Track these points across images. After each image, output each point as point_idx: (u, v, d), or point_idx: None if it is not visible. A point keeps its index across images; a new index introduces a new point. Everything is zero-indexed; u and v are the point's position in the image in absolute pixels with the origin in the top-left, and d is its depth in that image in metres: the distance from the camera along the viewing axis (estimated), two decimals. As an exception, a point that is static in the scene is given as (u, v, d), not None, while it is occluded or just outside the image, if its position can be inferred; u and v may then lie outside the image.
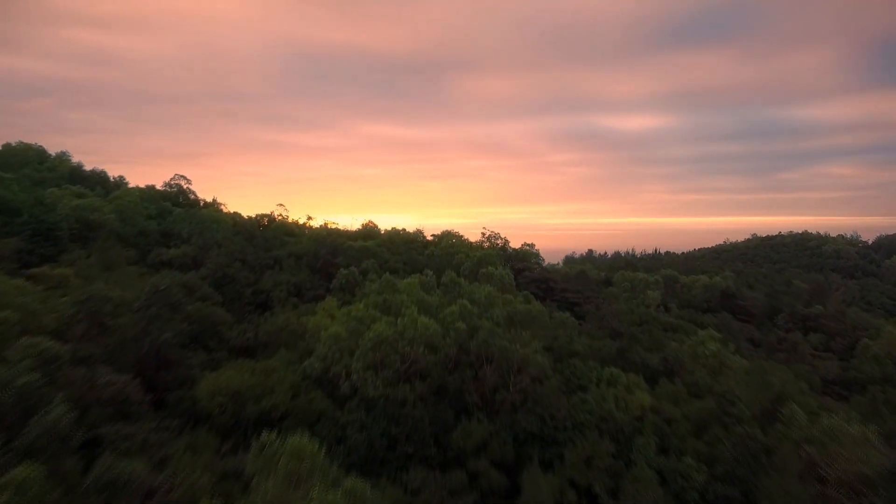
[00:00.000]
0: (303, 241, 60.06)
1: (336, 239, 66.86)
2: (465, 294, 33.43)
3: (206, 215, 62.92)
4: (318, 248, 54.57)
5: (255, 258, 48.03)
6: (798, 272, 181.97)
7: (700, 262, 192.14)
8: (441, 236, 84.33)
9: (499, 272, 56.92)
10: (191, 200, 79.82)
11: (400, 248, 68.42)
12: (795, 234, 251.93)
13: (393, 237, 73.42)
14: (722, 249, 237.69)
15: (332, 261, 51.74)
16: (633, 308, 63.09)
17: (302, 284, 47.80)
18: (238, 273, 43.89)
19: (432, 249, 66.69)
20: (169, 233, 50.23)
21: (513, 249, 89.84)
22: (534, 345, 28.98)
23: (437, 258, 64.36)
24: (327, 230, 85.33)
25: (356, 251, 58.45)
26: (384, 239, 69.91)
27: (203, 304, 37.88)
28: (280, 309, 42.85)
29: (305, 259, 53.71)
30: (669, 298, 76.57)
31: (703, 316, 68.61)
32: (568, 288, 78.82)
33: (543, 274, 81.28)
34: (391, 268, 58.35)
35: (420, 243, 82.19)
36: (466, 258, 62.35)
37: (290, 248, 56.12)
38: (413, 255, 63.67)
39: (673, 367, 35.49)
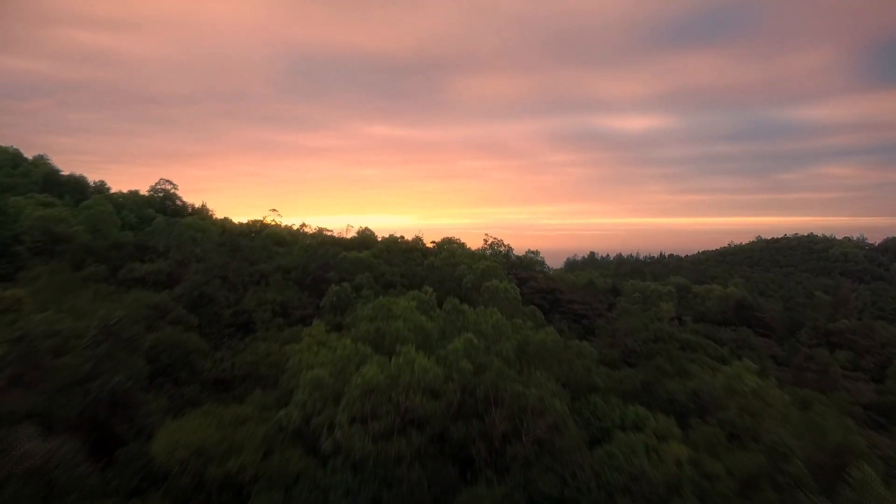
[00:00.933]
0: (293, 252, 55.82)
1: (329, 249, 62.64)
2: (469, 323, 29.22)
3: (190, 224, 58.70)
4: (308, 261, 50.36)
5: (238, 274, 43.78)
6: (806, 276, 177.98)
7: (705, 265, 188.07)
8: (441, 244, 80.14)
9: (503, 286, 52.69)
10: (177, 207, 75.61)
11: (397, 258, 64.20)
12: (801, 237, 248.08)
13: (390, 246, 69.28)
14: (727, 252, 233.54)
15: (324, 275, 47.51)
16: (646, 323, 58.88)
17: (289, 303, 43.57)
18: (217, 292, 39.67)
19: (432, 259, 62.50)
20: (145, 245, 46.07)
21: (516, 257, 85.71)
22: (550, 386, 24.75)
23: (438, 270, 60.15)
24: (322, 237, 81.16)
25: (350, 263, 54.24)
26: (381, 248, 65.74)
27: (174, 330, 33.64)
28: (263, 332, 38.61)
29: (294, 273, 49.48)
30: (683, 310, 72.40)
31: (720, 330, 64.37)
32: (575, 299, 74.68)
33: (549, 284, 77.16)
34: (387, 281, 54.17)
35: (419, 251, 78.02)
36: (469, 270, 58.11)
37: (279, 260, 51.92)
38: (411, 267, 59.47)
39: (705, 403, 31.35)
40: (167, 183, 74.09)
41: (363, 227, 72.61)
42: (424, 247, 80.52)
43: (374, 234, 74.89)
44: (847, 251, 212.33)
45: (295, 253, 54.97)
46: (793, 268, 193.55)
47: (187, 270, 41.51)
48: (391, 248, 67.53)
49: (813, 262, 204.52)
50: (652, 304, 70.80)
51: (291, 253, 56.49)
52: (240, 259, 50.52)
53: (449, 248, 66.98)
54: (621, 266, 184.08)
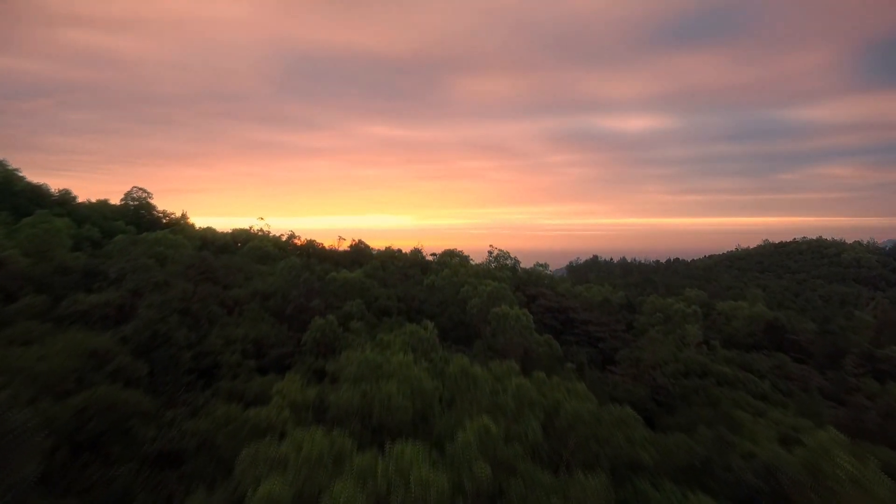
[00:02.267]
0: (276, 272, 49.05)
1: (317, 267, 55.87)
2: (482, 396, 22.45)
3: (159, 240, 51.92)
4: (290, 285, 43.59)
5: (205, 304, 36.98)
6: (820, 283, 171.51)
7: (714, 271, 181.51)
8: (442, 257, 73.42)
9: (514, 313, 46.01)
10: (153, 217, 68.83)
11: (394, 276, 57.44)
12: (811, 241, 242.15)
13: (386, 261, 62.55)
14: (735, 257, 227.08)
15: (307, 304, 40.76)
16: (674, 351, 52.27)
17: (264, 339, 36.80)
18: (176, 330, 32.88)
19: (433, 279, 55.76)
20: (96, 271, 39.34)
21: (523, 270, 79.06)
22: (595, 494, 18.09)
23: (439, 291, 53.43)
24: (312, 248, 74.44)
25: (339, 286, 47.51)
26: (375, 265, 58.99)
27: (111, 388, 26.88)
28: (228, 382, 31.84)
29: (273, 301, 42.73)
30: (708, 331, 65.84)
31: (753, 357, 57.53)
32: (590, 320, 67.99)
33: (561, 302, 70.56)
34: (382, 307, 47.44)
35: (419, 265, 71.25)
36: (474, 292, 51.38)
37: (257, 283, 45.12)
38: (409, 288, 52.74)
39: (785, 488, 24.76)
40: (141, 191, 67.41)
41: (356, 241, 65.58)
42: (424, 260, 73.79)
43: (369, 248, 68.26)
44: (860, 256, 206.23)
45: (277, 273, 48.20)
46: (805, 273, 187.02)
47: (143, 301, 34.80)
48: (387, 265, 60.84)
49: (825, 267, 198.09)
50: (676, 325, 64.25)
51: (274, 272, 49.68)
52: (211, 283, 43.75)
53: (451, 264, 60.19)
54: (628, 273, 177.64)
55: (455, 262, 60.15)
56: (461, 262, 68.98)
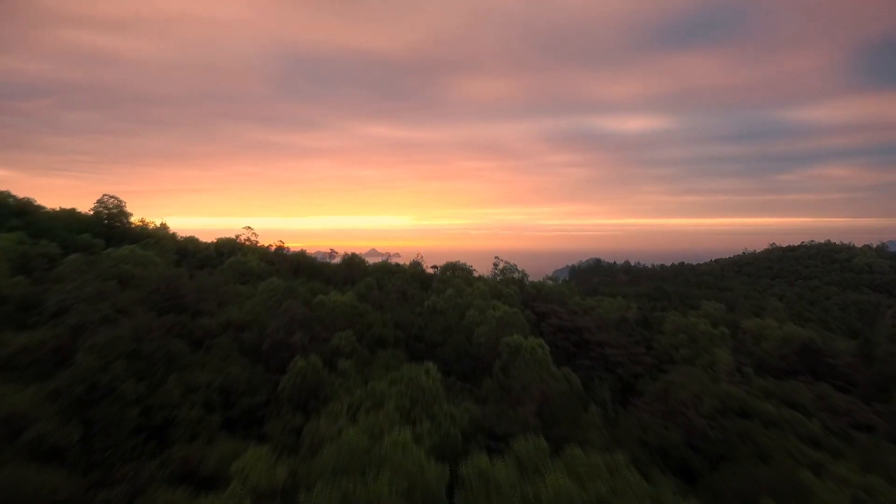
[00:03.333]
0: (257, 295, 42.93)
1: (304, 286, 49.80)
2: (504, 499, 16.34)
3: (124, 257, 45.83)
4: (269, 314, 37.46)
5: (162, 344, 30.78)
6: (834, 290, 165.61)
7: (723, 279, 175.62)
8: (444, 271, 67.32)
9: (529, 345, 39.94)
10: (127, 229, 62.66)
11: (391, 296, 51.30)
12: (820, 245, 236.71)
13: (382, 277, 56.44)
14: (743, 262, 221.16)
15: (287, 339, 34.66)
16: (707, 384, 46.26)
17: (233, 386, 30.66)
18: (122, 380, 26.80)
19: (434, 300, 49.64)
20: (37, 300, 33.23)
21: (531, 285, 73.01)
22: None
23: (442, 315, 47.34)
24: (302, 259, 68.33)
25: (327, 312, 41.41)
26: (371, 282, 52.83)
27: (18, 470, 20.79)
28: (182, 447, 25.68)
29: (249, 334, 36.59)
30: (737, 354, 59.84)
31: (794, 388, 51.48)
32: (607, 342, 61.91)
33: (574, 321, 64.55)
34: (376, 337, 41.32)
35: (418, 279, 65.13)
36: (481, 317, 45.29)
37: (231, 312, 38.95)
38: (407, 313, 46.63)
39: None
40: (112, 198, 61.14)
41: (350, 253, 59.29)
42: (424, 273, 67.67)
43: (363, 261, 61.85)
44: (871, 261, 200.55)
45: (257, 296, 42.07)
46: (817, 280, 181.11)
47: (82, 343, 28.72)
48: (383, 282, 54.72)
49: (836, 272, 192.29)
50: (703, 349, 58.24)
51: (254, 295, 43.53)
52: (177, 311, 37.61)
53: (454, 282, 54.03)
54: (635, 280, 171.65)
55: (458, 281, 53.99)
56: (465, 278, 62.93)
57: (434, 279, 61.62)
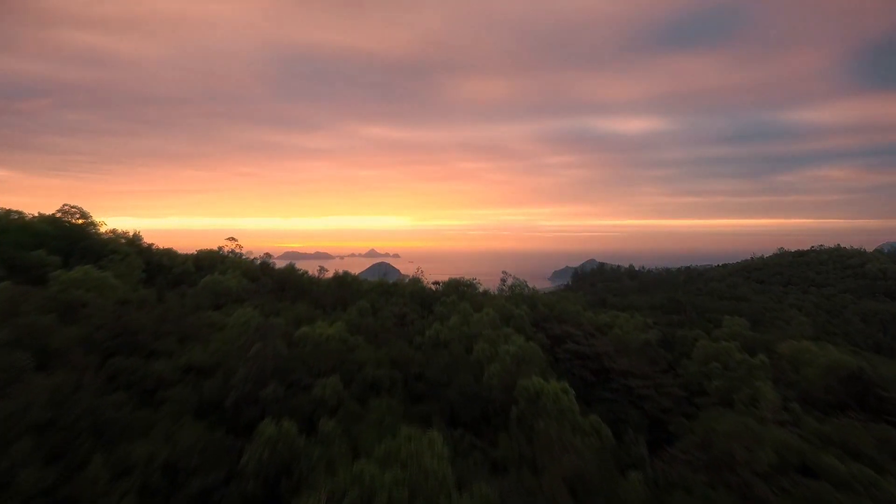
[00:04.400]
0: (227, 328, 36.21)
1: (287, 313, 43.12)
2: None
3: (75, 281, 39.19)
4: (239, 356, 30.75)
5: (91, 407, 24.12)
6: (851, 299, 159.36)
7: (736, 287, 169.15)
8: (448, 289, 60.69)
9: (552, 390, 33.33)
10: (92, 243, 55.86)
11: (387, 322, 44.61)
12: (830, 249, 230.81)
13: (378, 299, 49.71)
14: (752, 267, 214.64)
15: (257, 392, 28.00)
16: (755, 431, 39.71)
17: (182, 462, 23.99)
18: (24, 465, 20.24)
19: (437, 329, 42.96)
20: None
21: (543, 303, 66.37)
22: None
23: (446, 350, 40.70)
24: (292, 277, 61.67)
25: (311, 349, 34.77)
26: (364, 306, 46.10)
27: None
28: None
29: (213, 382, 29.88)
30: (780, 386, 53.36)
31: (847, 427, 45.00)
32: (631, 370, 55.27)
33: (594, 347, 57.96)
34: (369, 379, 34.65)
35: (420, 299, 58.44)
36: (493, 352, 38.66)
37: (193, 353, 32.25)
38: (406, 347, 39.96)
39: None
40: (74, 209, 54.43)
41: (342, 272, 52.35)
42: (425, 291, 60.98)
43: (357, 279, 55.08)
44: (885, 267, 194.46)
45: (228, 329, 35.36)
46: (831, 287, 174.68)
47: (-15, 411, 22.15)
48: (379, 305, 48.00)
49: (850, 279, 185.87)
50: (741, 381, 51.76)
51: (229, 326, 36.78)
52: (127, 352, 30.94)
53: (459, 307, 47.25)
54: (644, 287, 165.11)
55: (464, 305, 47.23)
56: (472, 299, 56.30)
57: (437, 300, 54.94)
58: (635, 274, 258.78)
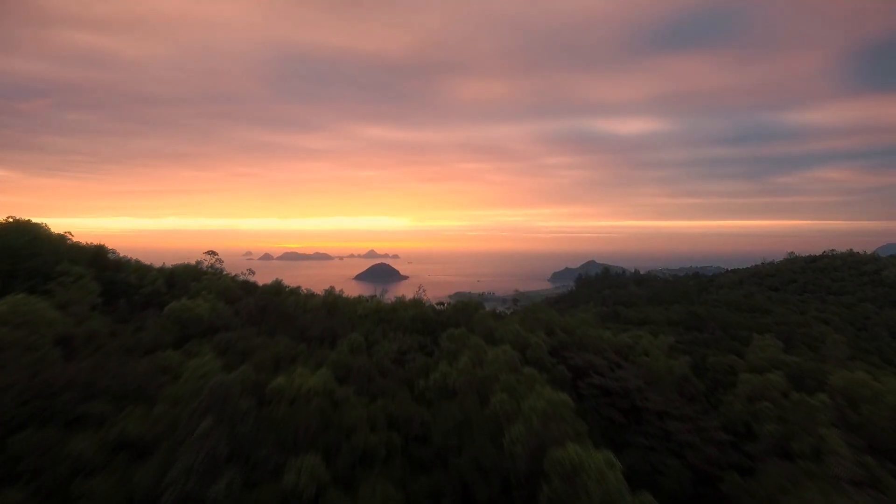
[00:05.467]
0: (178, 388, 28.59)
1: (257, 359, 35.58)
2: None
3: (0, 316, 31.68)
4: (186, 431, 23.26)
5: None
6: (872, 309, 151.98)
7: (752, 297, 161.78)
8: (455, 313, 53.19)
9: (594, 464, 25.93)
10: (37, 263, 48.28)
11: (383, 362, 37.09)
12: (843, 254, 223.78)
13: (372, 329, 42.25)
14: (765, 273, 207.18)
15: (202, 492, 20.49)
16: (829, 497, 32.56)
17: None
18: None
19: (444, 372, 35.48)
20: None
21: (561, 327, 58.87)
22: None
23: (456, 400, 33.16)
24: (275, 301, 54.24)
25: (286, 413, 27.25)
26: (356, 342, 38.60)
27: None
28: None
29: (149, 467, 22.40)
30: (843, 431, 46.16)
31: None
32: (667, 410, 47.99)
33: (622, 382, 50.50)
34: (361, 450, 27.14)
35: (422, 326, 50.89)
36: (514, 409, 31.21)
37: (128, 423, 24.76)
38: (405, 399, 32.44)
39: None
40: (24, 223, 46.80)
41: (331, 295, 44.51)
42: (429, 315, 53.44)
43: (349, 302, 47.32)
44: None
45: (180, 387, 27.83)
46: (850, 296, 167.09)
47: None
48: (375, 337, 40.46)
49: (868, 287, 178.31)
50: (799, 426, 44.48)
51: (182, 381, 29.19)
52: (38, 424, 23.49)
53: (472, 342, 39.68)
54: (656, 295, 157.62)
55: (475, 340, 39.69)
56: (481, 324, 48.85)
57: (441, 326, 47.46)
58: (642, 279, 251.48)
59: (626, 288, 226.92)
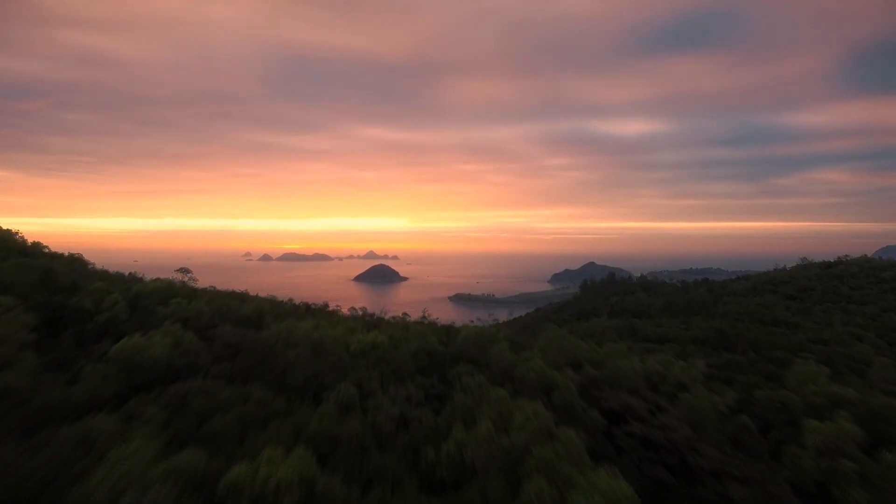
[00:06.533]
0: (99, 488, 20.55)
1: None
2: None
3: None
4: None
5: None
6: None
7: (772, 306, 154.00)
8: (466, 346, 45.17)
9: None
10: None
11: (383, 431, 29.11)
12: (861, 261, 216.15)
13: (369, 376, 34.15)
14: (779, 281, 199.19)
15: None
16: None
17: None
18: None
19: (459, 440, 27.49)
20: None
21: (591, 364, 50.84)
22: None
23: (476, 484, 25.23)
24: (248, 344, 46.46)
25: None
26: (347, 395, 30.63)
27: None
28: None
29: None
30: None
31: None
32: (726, 468, 40.16)
33: (665, 431, 42.60)
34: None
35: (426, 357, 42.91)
36: (555, 494, 23.36)
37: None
38: (410, 491, 24.48)
39: None
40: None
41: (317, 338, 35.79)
42: (435, 348, 45.40)
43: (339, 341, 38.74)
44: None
45: (98, 487, 19.86)
46: (871, 305, 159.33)
47: None
48: (371, 386, 32.35)
49: (890, 296, 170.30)
50: (887, 491, 36.84)
51: (94, 485, 21.17)
52: None
53: (495, 398, 31.53)
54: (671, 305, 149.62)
55: (497, 396, 31.63)
56: (498, 362, 40.84)
57: (452, 368, 39.46)
58: (649, 285, 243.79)
59: (634, 295, 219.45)
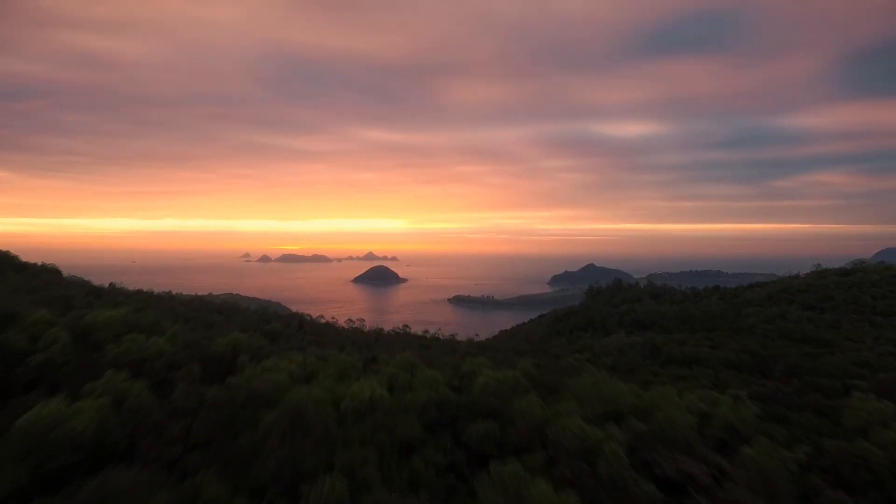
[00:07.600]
0: None
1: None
2: None
3: None
4: None
5: None
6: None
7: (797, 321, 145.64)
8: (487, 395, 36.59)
9: None
10: None
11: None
12: (880, 268, 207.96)
13: (362, 455, 25.71)
14: (795, 289, 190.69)
15: None
16: None
17: None
18: None
19: None
20: None
21: (636, 415, 42.02)
22: None
23: None
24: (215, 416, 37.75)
25: None
26: (334, 492, 22.29)
27: None
28: None
29: None
30: None
31: None
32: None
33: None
34: None
35: (436, 415, 34.31)
36: None
37: None
38: None
39: None
40: None
41: (297, 401, 28.42)
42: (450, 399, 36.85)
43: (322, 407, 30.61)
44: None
45: None
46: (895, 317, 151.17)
47: None
48: (367, 479, 24.27)
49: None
50: None
51: None
52: None
53: (537, 495, 23.21)
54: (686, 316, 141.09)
55: (539, 491, 23.08)
56: (526, 419, 32.32)
57: (471, 424, 30.85)
58: (658, 293, 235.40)
59: (643, 302, 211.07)
